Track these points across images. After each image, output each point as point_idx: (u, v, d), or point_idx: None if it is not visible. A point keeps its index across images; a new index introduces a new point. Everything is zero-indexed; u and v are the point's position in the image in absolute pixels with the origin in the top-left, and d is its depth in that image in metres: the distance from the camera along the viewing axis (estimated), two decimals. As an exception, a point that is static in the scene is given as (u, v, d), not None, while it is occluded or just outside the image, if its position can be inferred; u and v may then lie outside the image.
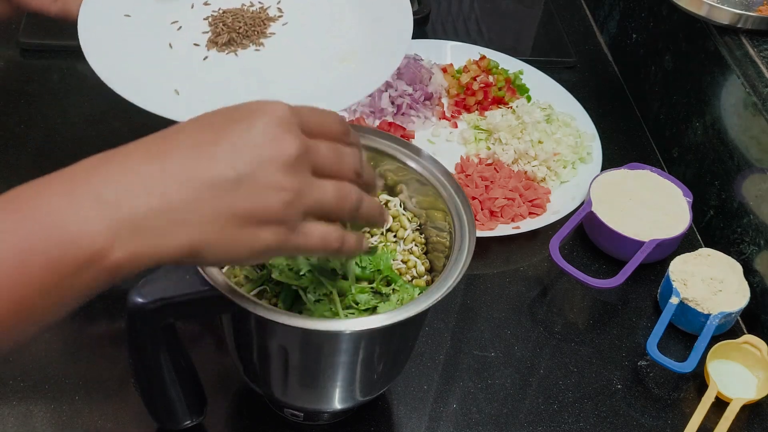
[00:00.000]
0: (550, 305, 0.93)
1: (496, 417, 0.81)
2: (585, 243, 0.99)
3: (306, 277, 0.64)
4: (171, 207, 0.45)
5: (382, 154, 0.73)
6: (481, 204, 0.99)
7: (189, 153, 0.46)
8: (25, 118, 1.05)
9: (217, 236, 0.46)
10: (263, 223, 0.47)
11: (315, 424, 0.78)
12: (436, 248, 0.72)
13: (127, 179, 0.45)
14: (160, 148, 0.47)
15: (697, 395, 0.84)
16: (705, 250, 0.93)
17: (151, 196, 0.45)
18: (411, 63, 1.14)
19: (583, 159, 1.07)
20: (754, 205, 0.93)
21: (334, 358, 0.64)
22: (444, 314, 0.89)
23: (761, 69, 0.93)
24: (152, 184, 0.45)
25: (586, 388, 0.84)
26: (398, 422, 0.80)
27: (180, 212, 0.45)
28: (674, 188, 0.99)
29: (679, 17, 1.10)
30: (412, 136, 1.09)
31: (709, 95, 1.03)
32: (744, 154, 0.95)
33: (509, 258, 0.97)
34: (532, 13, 1.41)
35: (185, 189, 0.45)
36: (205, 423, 0.74)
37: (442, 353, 0.85)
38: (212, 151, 0.46)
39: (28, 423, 0.75)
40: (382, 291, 0.67)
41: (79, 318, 0.84)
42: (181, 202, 0.45)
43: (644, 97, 1.21)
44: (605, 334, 0.90)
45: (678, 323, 0.90)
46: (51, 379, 0.79)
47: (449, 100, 1.15)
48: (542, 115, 1.08)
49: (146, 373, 0.66)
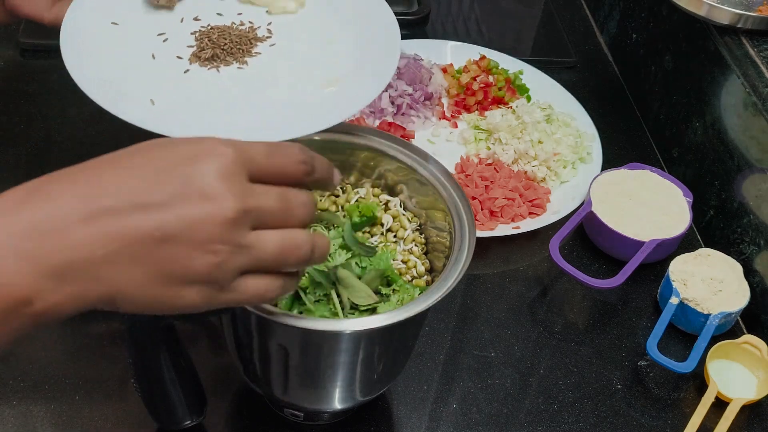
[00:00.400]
0: (550, 305, 0.93)
1: (496, 417, 0.81)
2: (585, 243, 0.99)
3: (306, 277, 0.64)
4: (93, 259, 0.43)
5: (382, 154, 0.73)
6: (481, 204, 0.99)
7: (120, 199, 0.44)
8: (25, 118, 1.05)
9: (138, 291, 0.45)
10: (189, 283, 0.45)
11: (315, 424, 0.78)
12: (436, 248, 0.72)
13: (52, 224, 0.43)
14: (92, 188, 0.44)
15: (697, 395, 0.84)
16: (705, 250, 0.93)
17: (75, 248, 0.43)
18: (411, 63, 1.14)
19: (583, 159, 1.07)
20: (754, 205, 0.93)
21: (334, 358, 0.64)
22: (444, 314, 0.89)
23: (761, 69, 0.93)
24: (76, 233, 0.43)
25: (586, 388, 0.84)
26: (398, 422, 0.80)
27: (102, 265, 0.44)
28: (674, 188, 0.99)
29: (679, 17, 1.10)
30: (412, 136, 1.09)
31: (709, 95, 1.03)
32: (744, 154, 0.95)
33: (509, 258, 0.97)
34: (532, 13, 1.41)
35: (110, 241, 0.43)
36: (205, 423, 0.74)
37: (442, 353, 0.85)
38: (143, 201, 0.44)
39: (28, 423, 0.75)
40: (382, 291, 0.67)
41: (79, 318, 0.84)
42: (105, 255, 0.43)
43: (644, 97, 1.21)
44: (605, 334, 0.90)
45: (678, 323, 0.90)
46: (51, 379, 0.79)
47: (449, 100, 1.15)
48: (542, 115, 1.08)
49: (146, 373, 0.66)
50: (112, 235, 0.44)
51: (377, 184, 0.76)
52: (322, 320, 0.61)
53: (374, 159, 0.74)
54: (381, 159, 0.73)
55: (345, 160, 0.74)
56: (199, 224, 0.44)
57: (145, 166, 0.45)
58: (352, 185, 0.76)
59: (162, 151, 0.46)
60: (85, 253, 0.44)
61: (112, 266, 0.44)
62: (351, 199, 0.74)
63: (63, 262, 0.43)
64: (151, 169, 0.45)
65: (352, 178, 0.76)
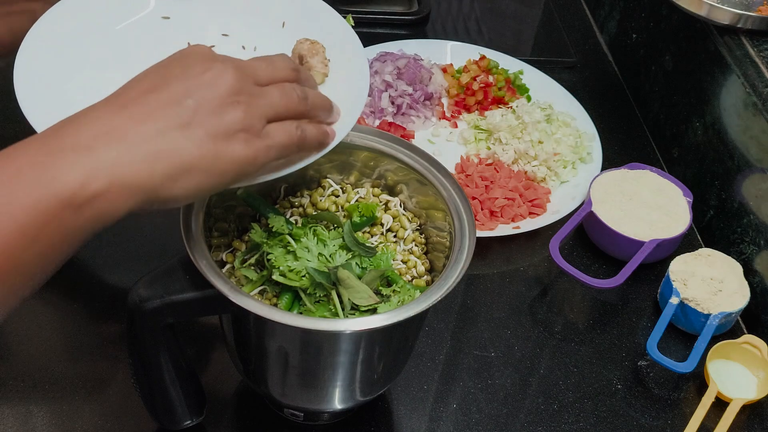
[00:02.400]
0: (550, 305, 0.93)
1: (496, 417, 0.81)
2: (585, 243, 0.99)
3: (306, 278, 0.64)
4: (146, 139, 0.49)
5: (382, 154, 0.73)
6: (481, 204, 0.99)
7: (148, 99, 0.51)
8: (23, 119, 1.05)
9: (196, 154, 0.50)
10: (231, 135, 0.52)
11: (315, 424, 0.78)
12: (436, 248, 0.72)
13: (98, 126, 0.49)
14: (120, 101, 0.51)
15: (697, 395, 0.84)
16: (705, 250, 0.93)
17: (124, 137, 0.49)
18: (411, 63, 1.14)
19: (583, 159, 1.07)
20: (754, 205, 0.93)
21: (334, 358, 0.64)
22: (444, 314, 0.89)
23: (761, 69, 0.93)
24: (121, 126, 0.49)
25: (586, 388, 0.84)
26: (398, 422, 0.80)
27: (156, 143, 0.49)
28: (674, 188, 0.99)
29: (679, 17, 1.10)
30: (412, 136, 1.09)
31: (709, 95, 1.03)
32: (744, 154, 0.95)
33: (509, 258, 0.97)
34: (532, 13, 1.41)
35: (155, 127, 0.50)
36: (205, 423, 0.74)
37: (442, 353, 0.85)
38: (168, 94, 0.51)
39: (28, 423, 0.75)
40: (383, 292, 0.67)
41: (79, 318, 0.84)
42: (154, 136, 0.50)
43: (644, 97, 1.21)
44: (605, 334, 0.90)
45: (678, 323, 0.90)
46: (51, 379, 0.79)
47: (449, 100, 1.15)
48: (542, 115, 1.08)
49: (146, 373, 0.66)
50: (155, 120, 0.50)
51: (377, 184, 0.76)
52: (322, 320, 0.61)
53: (374, 159, 0.74)
54: (381, 159, 0.73)
55: (345, 160, 0.74)
56: (216, 89, 0.52)
57: (158, 74, 0.53)
58: (352, 185, 0.76)
59: (163, 66, 0.54)
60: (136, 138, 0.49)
61: (164, 142, 0.50)
62: (351, 199, 0.74)
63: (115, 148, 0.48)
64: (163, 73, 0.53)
65: (352, 178, 0.76)
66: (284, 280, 0.64)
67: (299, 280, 0.64)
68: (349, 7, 1.21)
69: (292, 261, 0.65)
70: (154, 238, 0.93)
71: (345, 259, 0.66)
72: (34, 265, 0.47)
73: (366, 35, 0.74)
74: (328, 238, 0.68)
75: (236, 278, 0.68)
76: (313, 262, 0.65)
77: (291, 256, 0.65)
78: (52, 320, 0.84)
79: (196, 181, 0.51)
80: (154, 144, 0.49)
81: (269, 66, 0.56)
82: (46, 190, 0.46)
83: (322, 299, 0.65)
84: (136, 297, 0.60)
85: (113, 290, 0.87)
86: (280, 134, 0.55)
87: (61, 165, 0.47)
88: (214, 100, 0.52)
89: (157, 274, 0.61)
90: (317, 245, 0.66)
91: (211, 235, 0.68)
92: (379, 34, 1.26)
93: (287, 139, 0.55)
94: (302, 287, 0.65)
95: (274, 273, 0.65)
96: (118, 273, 0.89)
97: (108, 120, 0.50)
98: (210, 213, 0.66)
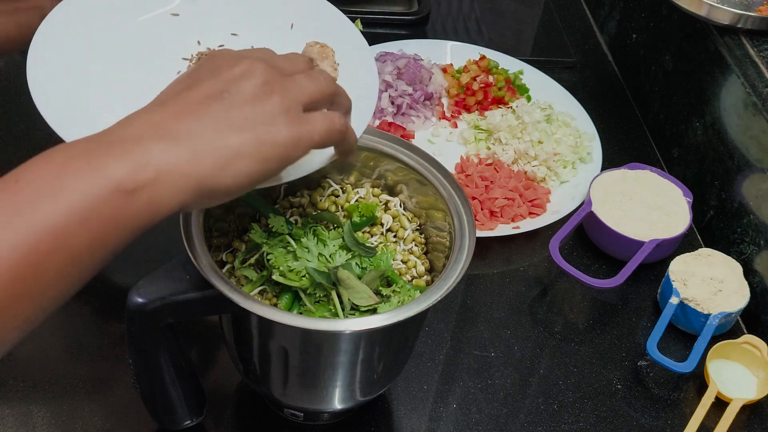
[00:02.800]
0: (550, 305, 0.93)
1: (496, 417, 0.81)
2: (585, 243, 0.99)
3: (306, 278, 0.64)
4: (190, 133, 0.50)
5: (382, 154, 0.73)
6: (481, 204, 0.99)
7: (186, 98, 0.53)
8: (25, 118, 1.05)
9: (241, 141, 0.51)
10: (272, 120, 0.53)
11: (315, 424, 0.78)
12: (436, 248, 0.72)
13: (141, 123, 0.51)
14: (158, 102, 0.53)
15: (697, 395, 0.84)
16: (705, 250, 0.93)
17: (167, 131, 0.50)
18: (411, 63, 1.14)
19: (583, 159, 1.07)
20: (754, 205, 0.93)
21: (334, 358, 0.65)
22: (444, 314, 0.89)
23: (761, 69, 0.93)
24: (164, 121, 0.51)
25: (586, 388, 0.84)
26: (398, 422, 0.80)
27: (200, 135, 0.50)
28: (674, 188, 0.99)
29: (679, 17, 1.10)
30: (412, 136, 1.09)
31: (709, 95, 1.03)
32: (744, 154, 0.95)
33: (509, 258, 0.97)
34: (532, 13, 1.41)
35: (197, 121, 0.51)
36: (205, 423, 0.74)
37: (442, 353, 0.85)
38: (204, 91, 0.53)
39: (28, 423, 0.75)
40: (383, 292, 0.67)
41: (79, 318, 0.84)
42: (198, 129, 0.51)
43: (644, 97, 1.21)
44: (605, 334, 0.90)
45: (678, 323, 0.90)
46: (51, 379, 0.79)
47: (449, 100, 1.15)
48: (542, 115, 1.08)
49: (146, 373, 0.66)
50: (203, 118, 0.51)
51: (377, 184, 0.76)
52: (322, 320, 0.61)
53: (374, 159, 0.74)
54: (381, 159, 0.73)
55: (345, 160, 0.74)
56: (249, 82, 0.53)
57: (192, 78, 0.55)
58: (352, 185, 0.76)
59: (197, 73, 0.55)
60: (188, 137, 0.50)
61: (216, 134, 0.51)
62: (351, 199, 0.74)
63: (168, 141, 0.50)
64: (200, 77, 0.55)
65: (352, 178, 0.76)
66: (284, 280, 0.64)
67: (299, 281, 0.64)
68: (349, 7, 1.20)
69: (292, 261, 0.65)
70: (154, 238, 0.92)
71: (345, 259, 0.66)
72: (85, 248, 0.47)
73: (366, 35, 0.74)
74: (328, 238, 0.68)
75: (236, 278, 0.68)
76: (313, 262, 0.65)
77: (291, 256, 0.65)
78: (52, 320, 0.83)
79: (244, 167, 0.51)
80: (199, 136, 0.50)
81: (287, 59, 0.58)
82: (96, 173, 0.47)
83: (322, 299, 0.65)
84: (136, 297, 0.60)
85: (113, 290, 0.87)
86: (320, 120, 0.56)
87: (110, 153, 0.48)
88: (249, 91, 0.53)
89: (157, 274, 0.61)
90: (317, 245, 0.66)
91: (211, 235, 0.68)
92: (379, 34, 1.26)
93: (329, 124, 0.56)
94: (302, 287, 0.65)
95: (274, 273, 0.65)
96: (118, 273, 0.89)
97: (149, 118, 0.51)
98: (210, 213, 0.66)
